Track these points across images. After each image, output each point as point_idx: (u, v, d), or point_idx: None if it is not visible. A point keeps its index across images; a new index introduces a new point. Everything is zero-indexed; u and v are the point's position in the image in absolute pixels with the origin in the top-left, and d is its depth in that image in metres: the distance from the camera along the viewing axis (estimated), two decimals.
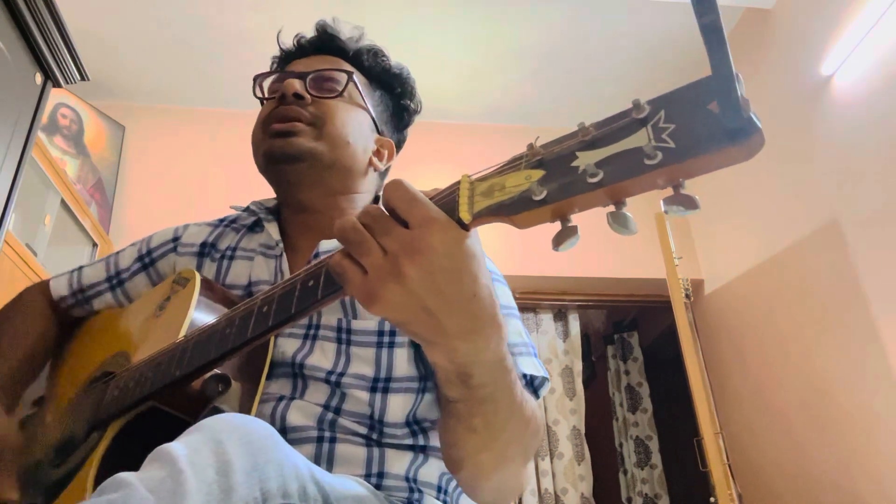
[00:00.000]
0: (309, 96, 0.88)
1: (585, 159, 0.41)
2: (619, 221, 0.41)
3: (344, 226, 0.47)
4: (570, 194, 0.40)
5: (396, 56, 1.04)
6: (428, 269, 0.45)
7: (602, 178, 0.39)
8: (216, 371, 0.67)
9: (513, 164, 0.45)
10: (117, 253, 0.99)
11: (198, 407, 0.66)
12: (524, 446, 0.64)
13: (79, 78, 1.51)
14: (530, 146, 0.44)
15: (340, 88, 0.90)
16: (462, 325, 0.48)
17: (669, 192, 0.39)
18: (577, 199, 0.40)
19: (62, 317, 0.97)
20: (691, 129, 0.37)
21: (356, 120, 0.91)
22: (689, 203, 0.38)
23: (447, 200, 0.47)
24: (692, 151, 0.36)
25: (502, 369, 0.54)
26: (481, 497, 0.68)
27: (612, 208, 0.41)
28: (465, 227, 0.46)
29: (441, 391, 0.56)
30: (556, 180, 0.41)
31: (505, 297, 0.83)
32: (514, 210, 0.43)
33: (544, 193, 0.41)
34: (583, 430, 2.95)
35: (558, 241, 0.43)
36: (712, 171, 0.38)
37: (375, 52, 0.99)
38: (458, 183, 0.47)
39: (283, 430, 0.70)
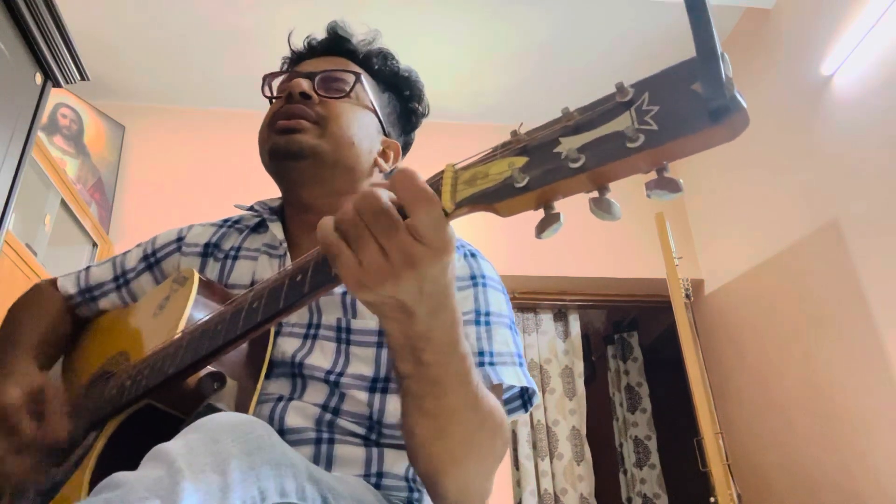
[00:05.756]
0: (316, 96, 0.88)
1: (568, 144, 0.40)
2: (601, 207, 0.40)
3: (344, 217, 0.47)
4: (551, 180, 0.40)
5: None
6: (423, 278, 0.47)
7: (584, 164, 0.38)
8: (210, 368, 0.67)
9: (497, 152, 0.44)
10: (124, 254, 1.00)
11: (193, 404, 0.66)
12: (481, 444, 0.63)
13: (79, 78, 1.52)
14: (514, 133, 0.43)
15: (348, 89, 0.90)
16: (427, 310, 0.50)
17: (653, 175, 0.38)
18: (559, 185, 0.40)
19: (71, 313, 0.98)
20: (674, 110, 0.36)
21: (362, 121, 0.91)
22: (673, 186, 0.37)
23: None
24: (674, 133, 0.36)
25: (455, 354, 0.55)
26: (444, 499, 0.67)
27: (595, 194, 0.40)
28: (447, 216, 0.46)
29: (394, 366, 0.57)
30: (538, 167, 0.41)
31: (498, 305, 0.82)
32: (497, 198, 0.42)
33: (526, 180, 0.41)
34: (583, 430, 2.95)
35: (541, 227, 0.42)
36: (696, 152, 0.37)
37: (385, 56, 0.99)
38: (443, 172, 0.46)
39: (282, 432, 0.70)
